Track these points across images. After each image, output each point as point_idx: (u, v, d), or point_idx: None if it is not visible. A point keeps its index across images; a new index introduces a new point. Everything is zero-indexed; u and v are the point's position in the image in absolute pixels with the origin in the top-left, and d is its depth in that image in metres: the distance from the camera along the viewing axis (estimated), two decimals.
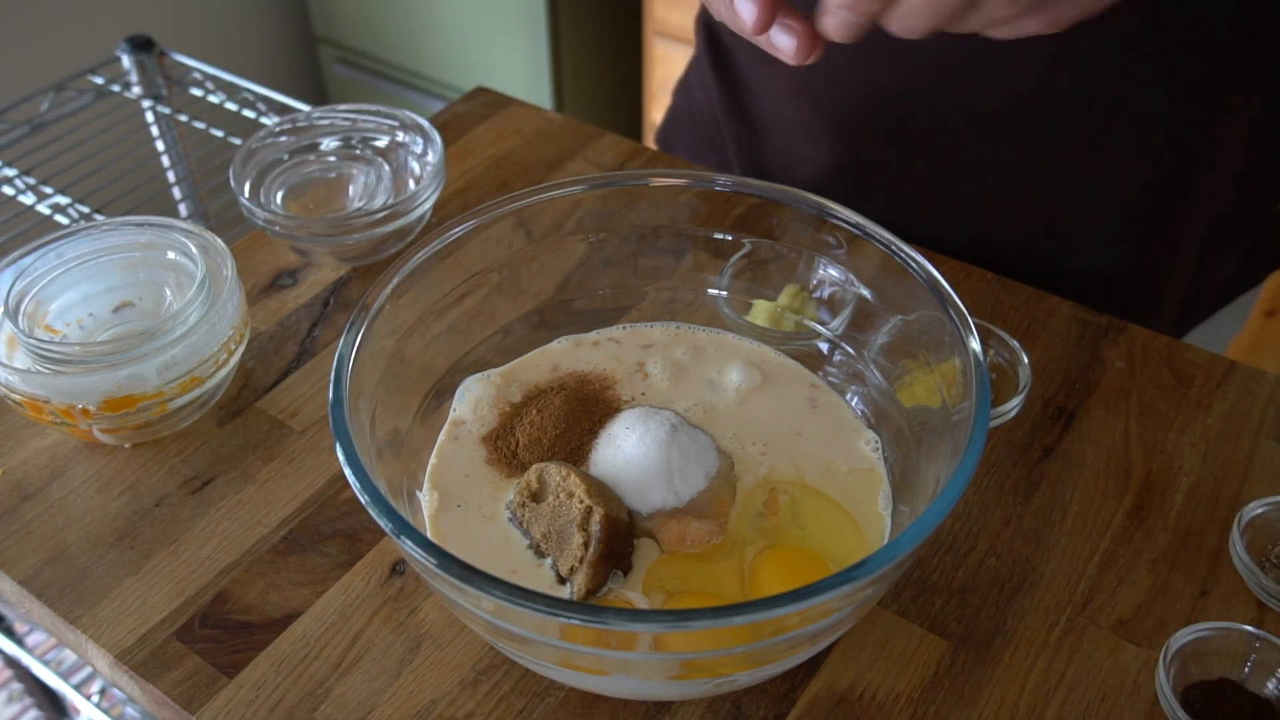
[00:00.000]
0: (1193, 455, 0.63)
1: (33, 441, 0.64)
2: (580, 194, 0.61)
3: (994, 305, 0.73)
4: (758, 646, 0.45)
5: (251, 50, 2.11)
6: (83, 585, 0.56)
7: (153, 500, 0.61)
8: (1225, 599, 0.56)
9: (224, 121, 1.22)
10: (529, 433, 0.57)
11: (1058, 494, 0.61)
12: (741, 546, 0.53)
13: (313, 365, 0.68)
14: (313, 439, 0.64)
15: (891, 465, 0.57)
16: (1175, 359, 0.69)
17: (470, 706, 0.52)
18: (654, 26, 1.80)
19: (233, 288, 0.63)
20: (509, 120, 0.89)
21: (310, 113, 0.79)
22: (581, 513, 0.51)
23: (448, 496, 0.56)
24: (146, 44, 1.21)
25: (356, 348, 0.51)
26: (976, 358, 0.50)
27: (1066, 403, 0.66)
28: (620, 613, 0.41)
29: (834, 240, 0.60)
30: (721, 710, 0.52)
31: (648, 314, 0.66)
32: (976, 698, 0.52)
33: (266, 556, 0.58)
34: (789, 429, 0.59)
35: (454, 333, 0.60)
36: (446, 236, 0.57)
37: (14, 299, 0.61)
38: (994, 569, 0.57)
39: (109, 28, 1.81)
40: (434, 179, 0.74)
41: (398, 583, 0.57)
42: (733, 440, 0.58)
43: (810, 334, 0.63)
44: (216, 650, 0.54)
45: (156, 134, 1.25)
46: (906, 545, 0.43)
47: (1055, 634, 0.55)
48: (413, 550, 0.43)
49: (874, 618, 0.55)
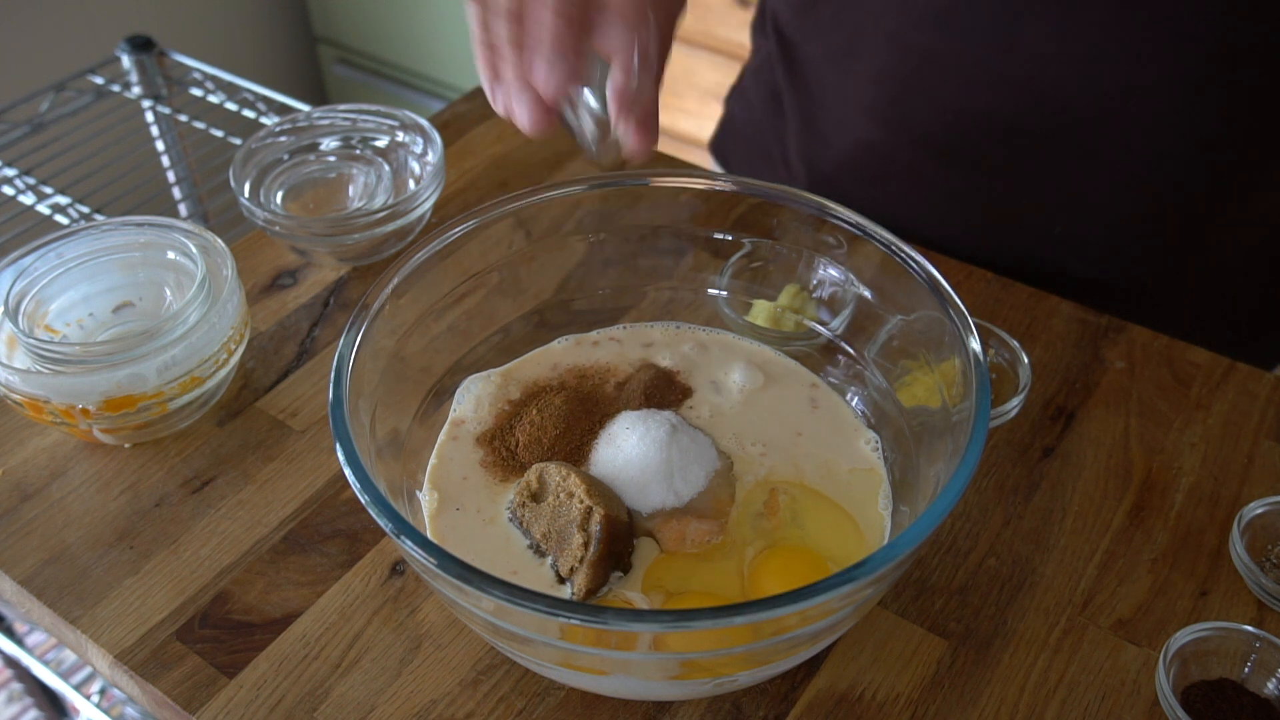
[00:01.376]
0: (1193, 455, 0.63)
1: (33, 441, 0.64)
2: (580, 194, 0.61)
3: (994, 305, 0.73)
4: (758, 646, 0.45)
5: (251, 50, 2.11)
6: (83, 585, 0.56)
7: (153, 500, 0.61)
8: (1225, 599, 0.56)
9: (224, 121, 1.22)
10: (529, 433, 0.57)
11: (1058, 494, 0.61)
12: (741, 546, 0.53)
13: (313, 365, 0.68)
14: (313, 439, 0.64)
15: (891, 465, 0.57)
16: (1175, 359, 0.69)
17: (470, 706, 0.52)
18: None
19: (233, 288, 0.63)
20: (509, 120, 0.89)
21: (310, 113, 0.79)
22: (582, 513, 0.51)
23: (448, 497, 0.55)
24: (146, 44, 1.21)
25: (356, 348, 0.51)
26: (976, 358, 0.50)
27: (1066, 403, 0.66)
28: (620, 613, 0.41)
29: (834, 240, 0.60)
30: (721, 710, 0.52)
31: (648, 314, 0.66)
32: (976, 698, 0.52)
33: (266, 556, 0.58)
34: (789, 429, 0.59)
35: (454, 333, 0.60)
36: (446, 236, 0.57)
37: (14, 299, 0.61)
38: (994, 569, 0.57)
39: (109, 28, 1.81)
40: (434, 179, 0.74)
41: (398, 583, 0.57)
42: (733, 440, 0.58)
43: (810, 334, 0.63)
44: (216, 650, 0.54)
45: (156, 134, 1.25)
46: (906, 545, 0.43)
47: (1055, 634, 0.55)
48: (413, 550, 0.43)
49: (874, 618, 0.55)
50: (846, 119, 0.80)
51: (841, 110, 0.80)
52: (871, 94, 0.77)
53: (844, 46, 0.78)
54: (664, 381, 0.61)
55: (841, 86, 0.80)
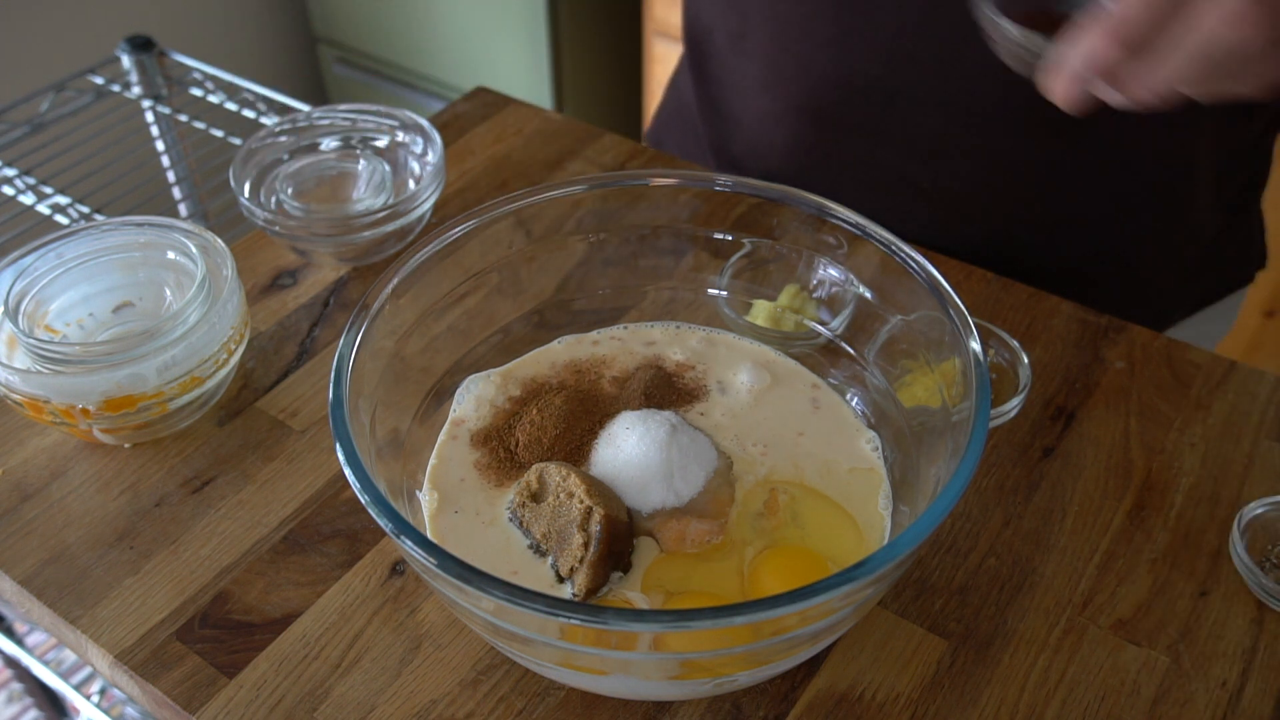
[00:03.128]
0: (1193, 455, 0.63)
1: (33, 441, 0.64)
2: (580, 194, 0.60)
3: (994, 305, 0.73)
4: (758, 646, 0.45)
5: (251, 50, 2.11)
6: (83, 585, 0.56)
7: (153, 500, 0.61)
8: (1225, 599, 0.56)
9: (224, 121, 1.22)
10: (529, 433, 0.57)
11: (1058, 494, 0.61)
12: (741, 546, 0.53)
13: (313, 365, 0.68)
14: (313, 439, 0.64)
15: (891, 465, 0.57)
16: (1175, 359, 0.69)
17: (470, 706, 0.52)
18: (654, 26, 1.79)
19: (233, 288, 0.63)
20: (509, 120, 0.89)
21: (310, 113, 0.79)
22: (582, 513, 0.51)
23: (448, 497, 0.55)
24: (146, 44, 1.21)
25: (356, 348, 0.51)
26: (976, 358, 0.50)
27: (1066, 403, 0.66)
28: (620, 613, 0.41)
29: (834, 240, 0.60)
30: (721, 710, 0.52)
31: (648, 314, 0.66)
32: (976, 698, 0.52)
33: (266, 556, 0.58)
34: (791, 429, 0.59)
35: (454, 333, 0.60)
36: (446, 236, 0.57)
37: (14, 299, 0.61)
38: (994, 569, 0.57)
39: (109, 28, 1.81)
40: (434, 179, 0.74)
41: (398, 583, 0.57)
42: (733, 441, 0.58)
43: (810, 334, 0.63)
44: (216, 650, 0.54)
45: (156, 134, 1.25)
46: (906, 545, 0.43)
47: (1055, 634, 0.55)
48: (413, 550, 0.43)
49: (874, 618, 0.55)
50: (745, 97, 0.83)
51: (740, 89, 0.83)
52: (761, 70, 0.79)
53: (737, 29, 0.81)
54: (665, 381, 0.61)
55: (738, 67, 0.82)
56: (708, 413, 0.60)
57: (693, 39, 0.87)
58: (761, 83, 0.81)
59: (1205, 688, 0.53)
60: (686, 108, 0.93)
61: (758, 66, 0.80)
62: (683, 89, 0.94)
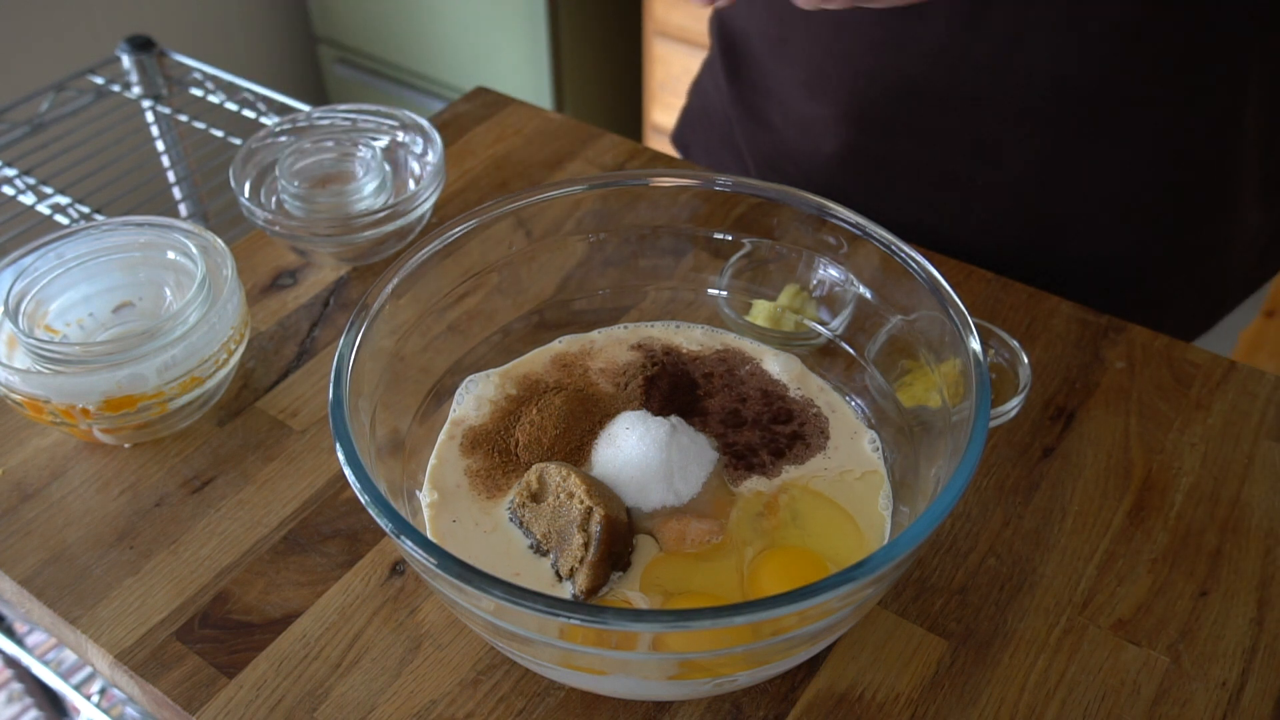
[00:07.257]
0: (1193, 455, 0.63)
1: (33, 441, 0.64)
2: (580, 194, 0.60)
3: (994, 305, 0.73)
4: (758, 646, 0.45)
5: (251, 50, 2.11)
6: (83, 585, 0.56)
7: (153, 500, 0.61)
8: (1225, 599, 0.56)
9: (224, 121, 1.22)
10: (529, 433, 0.57)
11: (1058, 494, 0.61)
12: (741, 546, 0.53)
13: (313, 365, 0.68)
14: (313, 439, 0.64)
15: (891, 465, 0.57)
16: (1175, 359, 0.69)
17: (470, 706, 0.52)
18: (654, 26, 1.80)
19: (233, 288, 0.63)
20: (509, 120, 0.89)
21: (310, 113, 0.79)
22: (582, 513, 0.51)
23: (447, 497, 0.55)
24: (146, 44, 1.21)
25: (356, 348, 0.51)
26: (976, 358, 0.50)
27: (1066, 403, 0.66)
28: (620, 613, 0.41)
29: (834, 240, 0.60)
30: (721, 710, 0.52)
31: (648, 314, 0.66)
32: (976, 698, 0.52)
33: (266, 556, 0.58)
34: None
35: (454, 333, 0.60)
36: (446, 236, 0.57)
37: (14, 299, 0.61)
38: (994, 569, 0.57)
39: (109, 28, 1.81)
40: (434, 179, 0.74)
41: (398, 583, 0.57)
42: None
43: (810, 334, 0.63)
44: (216, 650, 0.54)
45: (156, 134, 1.25)
46: (906, 545, 0.43)
47: (1055, 634, 0.55)
48: (413, 550, 0.43)
49: (874, 618, 0.55)
50: (786, 102, 0.83)
51: (780, 94, 0.83)
52: (804, 74, 0.79)
53: (776, 34, 0.81)
54: (672, 383, 0.61)
55: (778, 72, 0.82)
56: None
57: (726, 43, 0.87)
58: (804, 86, 0.80)
59: (1205, 688, 0.53)
60: (714, 110, 0.93)
61: (800, 70, 0.80)
62: (709, 92, 0.94)
